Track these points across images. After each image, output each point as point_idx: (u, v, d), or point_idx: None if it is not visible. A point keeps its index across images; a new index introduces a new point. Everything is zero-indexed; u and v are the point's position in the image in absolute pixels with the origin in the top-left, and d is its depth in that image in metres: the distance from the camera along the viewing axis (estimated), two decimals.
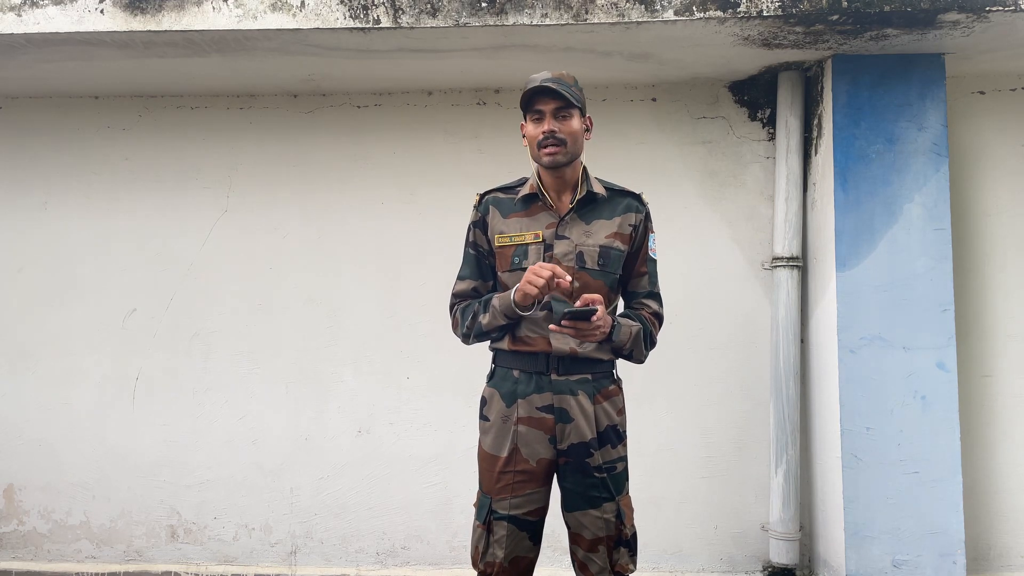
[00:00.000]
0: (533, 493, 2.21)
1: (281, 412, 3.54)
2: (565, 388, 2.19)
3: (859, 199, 3.10)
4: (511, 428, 2.21)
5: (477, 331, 2.26)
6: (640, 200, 2.33)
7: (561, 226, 2.23)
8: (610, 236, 2.24)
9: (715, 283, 3.43)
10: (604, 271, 2.23)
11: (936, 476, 2.99)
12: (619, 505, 2.21)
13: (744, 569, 3.38)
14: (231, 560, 3.52)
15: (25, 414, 3.61)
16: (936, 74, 3.12)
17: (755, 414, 3.38)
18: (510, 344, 2.24)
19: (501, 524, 2.19)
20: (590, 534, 2.20)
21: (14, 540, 3.59)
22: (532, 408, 2.20)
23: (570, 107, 2.16)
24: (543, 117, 2.15)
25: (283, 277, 3.58)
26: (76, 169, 3.67)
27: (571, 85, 2.18)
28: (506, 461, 2.20)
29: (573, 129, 2.17)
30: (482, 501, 2.25)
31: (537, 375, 2.20)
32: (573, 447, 2.18)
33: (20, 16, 2.94)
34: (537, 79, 2.16)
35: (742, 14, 2.78)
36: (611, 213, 2.27)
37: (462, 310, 2.32)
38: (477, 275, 2.34)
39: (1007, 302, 3.36)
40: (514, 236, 2.25)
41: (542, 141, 2.16)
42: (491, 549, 2.20)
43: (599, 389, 2.22)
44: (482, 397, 2.31)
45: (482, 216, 2.32)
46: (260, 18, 2.89)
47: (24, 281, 3.65)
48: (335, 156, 3.60)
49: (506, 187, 2.35)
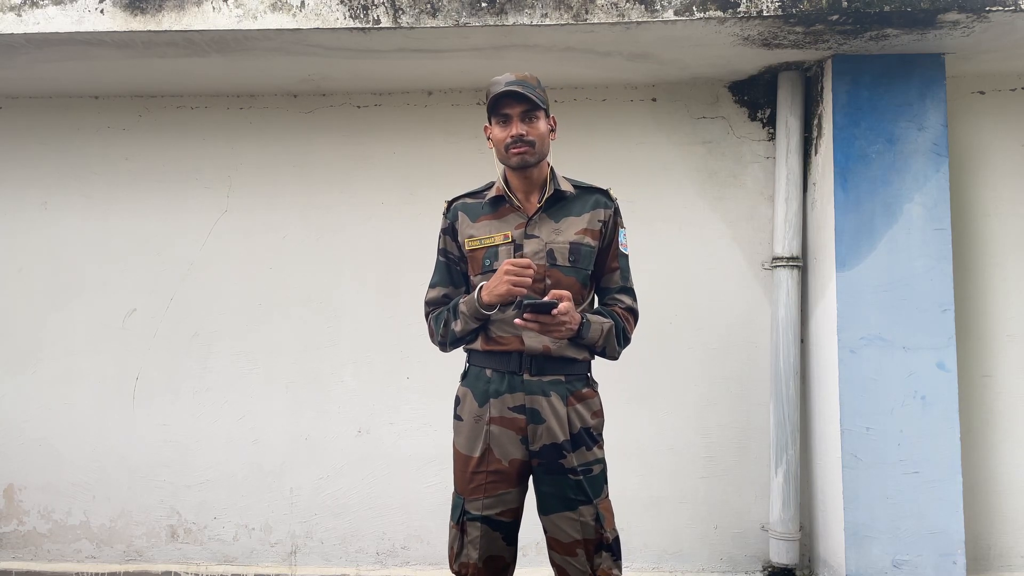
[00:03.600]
0: (505, 494, 2.20)
1: (281, 412, 3.54)
2: (537, 389, 2.19)
3: (859, 199, 3.10)
4: (484, 428, 2.21)
5: (452, 338, 2.27)
6: (608, 196, 2.34)
7: (530, 225, 2.25)
8: (580, 232, 2.25)
9: (715, 283, 3.43)
10: (575, 267, 2.23)
11: (936, 476, 2.99)
12: (597, 508, 2.20)
13: (744, 569, 3.38)
14: (231, 560, 3.52)
15: (25, 414, 3.61)
16: (936, 74, 3.12)
17: (755, 414, 3.38)
18: (483, 344, 2.24)
19: (475, 525, 2.20)
20: (566, 537, 2.18)
21: (14, 540, 3.59)
22: (504, 408, 2.19)
23: (536, 109, 2.18)
24: (510, 120, 2.17)
25: (283, 277, 3.58)
26: (76, 169, 3.67)
27: (535, 87, 2.19)
28: (479, 461, 2.20)
29: (540, 131, 2.19)
30: (455, 501, 2.25)
31: (510, 375, 2.20)
32: (545, 448, 2.18)
33: (20, 16, 2.94)
34: (501, 82, 2.17)
35: (742, 14, 2.78)
36: (580, 210, 2.28)
37: (435, 318, 2.33)
38: (448, 282, 2.35)
39: (1007, 302, 3.36)
40: (484, 239, 2.26)
41: (511, 144, 2.18)
42: (465, 550, 2.20)
43: (572, 391, 2.22)
44: (456, 396, 2.31)
45: (451, 223, 2.33)
46: (260, 18, 2.89)
47: (24, 281, 3.65)
48: (335, 156, 3.60)
49: (473, 192, 2.37)
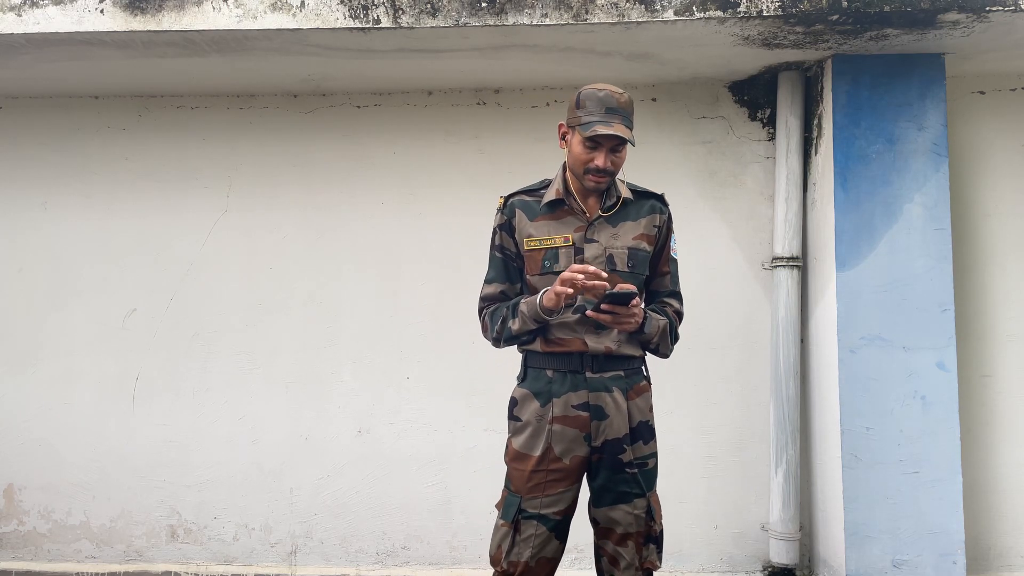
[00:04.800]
0: (565, 492, 2.22)
1: (281, 412, 3.54)
2: (600, 385, 2.20)
3: (859, 199, 3.10)
4: (546, 427, 2.21)
5: (507, 336, 2.26)
6: (663, 201, 2.35)
7: (590, 230, 2.25)
8: (637, 238, 2.26)
9: (715, 283, 3.43)
10: (633, 273, 2.25)
11: (936, 476, 2.99)
12: (649, 501, 2.23)
13: (744, 569, 3.37)
14: (231, 560, 3.52)
15: (25, 414, 3.61)
16: (936, 74, 3.12)
17: (755, 414, 3.38)
18: (543, 346, 2.25)
19: (530, 523, 2.20)
20: (621, 529, 2.21)
21: (14, 540, 3.59)
22: (568, 407, 2.21)
23: (626, 143, 2.16)
24: (599, 147, 2.15)
25: (283, 277, 3.58)
26: (76, 169, 3.67)
27: (630, 114, 2.16)
28: (539, 460, 2.21)
29: (622, 160, 2.20)
30: (510, 500, 2.25)
31: (572, 374, 2.21)
32: (607, 444, 2.20)
33: (20, 16, 2.94)
34: (599, 102, 2.12)
35: (742, 14, 2.78)
36: (637, 215, 2.29)
37: (491, 314, 2.32)
38: (504, 278, 2.34)
39: (1007, 302, 3.36)
40: (543, 240, 2.25)
41: (592, 171, 2.16)
42: (516, 548, 2.20)
43: (631, 385, 2.25)
44: (512, 398, 2.31)
45: (508, 219, 2.32)
46: (260, 18, 2.89)
47: (24, 281, 3.65)
48: (335, 156, 3.60)
49: (530, 189, 2.35)
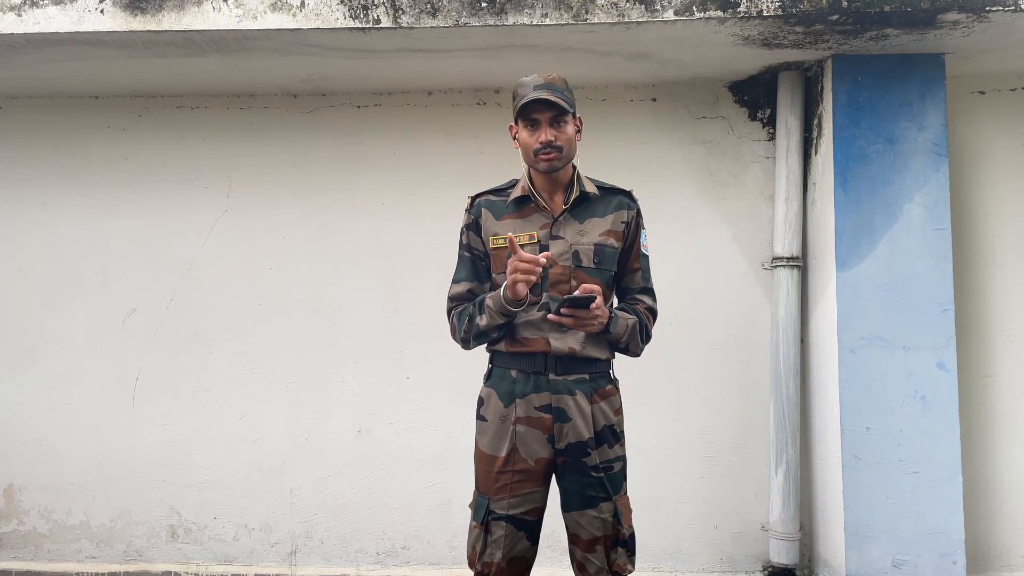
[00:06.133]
0: (531, 493, 2.21)
1: (281, 412, 3.54)
2: (563, 388, 2.20)
3: (859, 199, 3.10)
4: (509, 428, 2.21)
5: (476, 333, 2.25)
6: (631, 197, 2.34)
7: (555, 226, 2.25)
8: (604, 234, 2.26)
9: (715, 283, 3.43)
10: (600, 269, 2.24)
11: (936, 476, 2.99)
12: (616, 505, 2.22)
13: (744, 569, 3.37)
14: (231, 560, 3.52)
15: (26, 414, 3.61)
16: (936, 74, 3.12)
17: (755, 414, 3.38)
18: (508, 345, 2.25)
19: (499, 524, 2.19)
20: (587, 534, 2.20)
21: (14, 540, 3.59)
22: (530, 408, 2.20)
23: (564, 114, 2.17)
24: (539, 125, 2.17)
25: (283, 277, 3.58)
26: (76, 169, 3.67)
27: (564, 90, 2.18)
28: (504, 461, 2.20)
29: (568, 135, 2.19)
30: (479, 501, 2.25)
31: (535, 375, 2.21)
32: (571, 446, 2.19)
33: (20, 16, 2.94)
34: (529, 85, 2.16)
35: (742, 14, 2.78)
36: (604, 211, 2.28)
37: (458, 315, 2.31)
38: (472, 277, 2.34)
39: (1007, 302, 3.36)
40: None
41: (539, 150, 2.17)
42: (488, 549, 2.20)
43: (596, 389, 2.23)
44: (479, 397, 2.31)
45: (475, 219, 2.32)
46: (260, 18, 2.89)
47: (24, 281, 3.65)
48: (335, 156, 3.60)
49: (497, 189, 2.36)
